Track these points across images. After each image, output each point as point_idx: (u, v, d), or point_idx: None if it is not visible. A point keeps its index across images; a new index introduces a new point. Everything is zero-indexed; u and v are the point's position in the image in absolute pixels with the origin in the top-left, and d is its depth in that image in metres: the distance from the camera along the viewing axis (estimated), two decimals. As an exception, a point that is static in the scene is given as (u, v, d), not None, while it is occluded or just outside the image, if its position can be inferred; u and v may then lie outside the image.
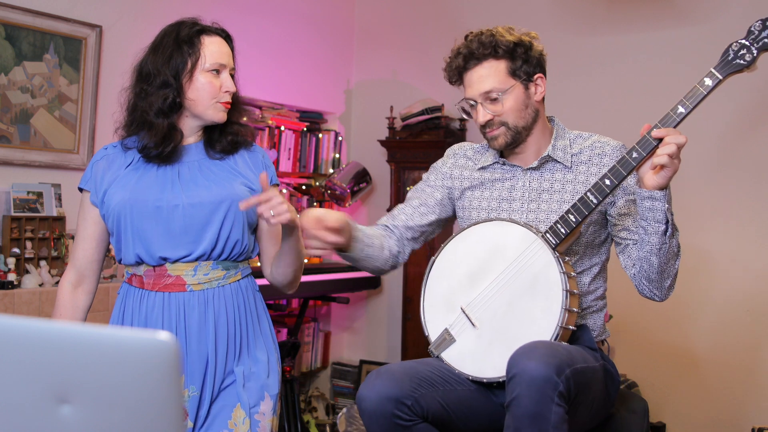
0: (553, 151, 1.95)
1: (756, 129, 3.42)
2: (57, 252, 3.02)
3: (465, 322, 1.87)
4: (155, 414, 0.83)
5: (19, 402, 0.84)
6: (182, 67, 1.88)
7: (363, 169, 4.35)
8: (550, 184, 1.95)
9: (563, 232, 1.78)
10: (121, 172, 1.90)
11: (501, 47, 1.90)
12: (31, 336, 0.84)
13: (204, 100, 1.88)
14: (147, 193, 1.85)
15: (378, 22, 4.64)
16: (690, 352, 3.57)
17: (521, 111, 1.93)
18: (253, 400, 1.87)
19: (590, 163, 1.95)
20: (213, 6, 3.80)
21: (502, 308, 1.81)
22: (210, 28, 1.95)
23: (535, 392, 1.54)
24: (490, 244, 1.87)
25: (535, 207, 1.94)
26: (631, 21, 3.74)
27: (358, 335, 4.63)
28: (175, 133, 1.89)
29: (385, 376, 1.76)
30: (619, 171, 1.75)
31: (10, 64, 3.00)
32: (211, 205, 1.85)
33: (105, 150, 1.97)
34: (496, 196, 1.99)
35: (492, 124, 1.94)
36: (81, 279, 1.95)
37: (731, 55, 1.77)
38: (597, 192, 1.76)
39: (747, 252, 3.44)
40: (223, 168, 1.93)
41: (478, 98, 1.93)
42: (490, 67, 1.91)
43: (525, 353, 1.60)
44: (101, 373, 0.82)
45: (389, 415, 1.70)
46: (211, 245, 1.86)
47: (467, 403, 1.83)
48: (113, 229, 1.88)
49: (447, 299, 1.92)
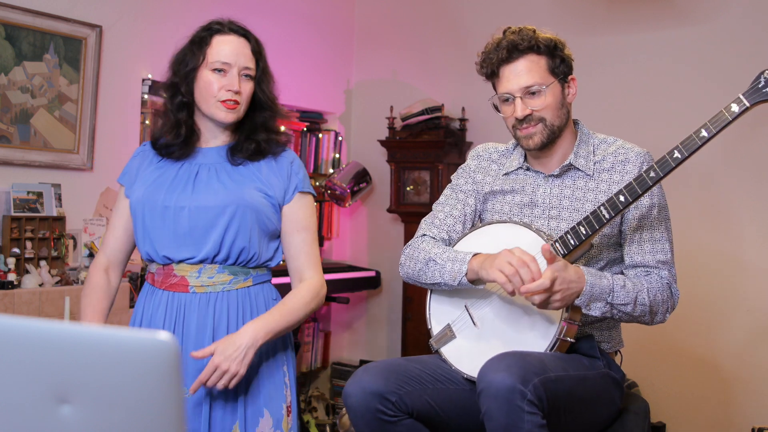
0: (575, 159, 1.92)
1: (759, 128, 3.42)
2: (57, 252, 3.02)
3: (467, 320, 1.87)
4: (155, 414, 0.83)
5: (19, 402, 0.84)
6: (191, 66, 1.89)
7: (363, 169, 4.35)
8: (571, 192, 1.92)
9: (572, 244, 1.77)
10: (150, 169, 1.94)
11: (542, 43, 1.88)
12: (31, 336, 0.84)
13: (206, 99, 1.87)
14: (158, 193, 1.87)
15: (378, 22, 4.64)
16: (690, 353, 3.57)
17: (558, 109, 1.89)
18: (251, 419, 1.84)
19: (613, 171, 1.90)
20: (213, 6, 3.80)
21: (504, 312, 1.81)
22: (224, 29, 1.92)
23: (503, 404, 1.54)
24: (502, 246, 1.87)
25: (556, 215, 1.91)
26: (631, 21, 3.74)
27: (358, 335, 4.63)
28: (188, 132, 1.91)
29: (370, 372, 1.76)
30: (635, 189, 1.73)
31: (10, 64, 3.00)
32: (215, 209, 1.84)
33: (143, 147, 2.01)
34: (518, 201, 1.97)
35: (530, 120, 1.88)
36: (110, 266, 2.00)
37: (762, 83, 1.67)
38: (610, 207, 1.74)
39: (746, 251, 3.44)
40: (243, 173, 1.90)
41: (518, 92, 1.87)
42: (532, 62, 1.87)
43: (491, 366, 1.60)
44: (101, 373, 0.82)
45: (373, 410, 1.71)
46: (215, 249, 1.84)
47: (460, 403, 1.83)
48: (133, 224, 1.93)
49: (452, 295, 1.92)
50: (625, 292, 1.77)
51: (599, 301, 1.74)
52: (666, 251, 1.89)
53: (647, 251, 1.87)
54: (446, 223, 2.03)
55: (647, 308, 1.80)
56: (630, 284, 1.80)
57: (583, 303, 1.72)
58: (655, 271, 1.87)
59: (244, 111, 1.90)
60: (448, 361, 1.87)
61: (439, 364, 1.88)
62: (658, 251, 1.88)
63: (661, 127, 3.51)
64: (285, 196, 1.92)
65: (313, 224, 1.96)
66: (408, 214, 4.25)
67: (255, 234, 1.87)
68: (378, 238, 4.51)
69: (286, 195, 1.92)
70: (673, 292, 1.88)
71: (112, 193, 3.38)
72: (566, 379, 1.67)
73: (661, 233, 1.89)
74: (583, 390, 1.74)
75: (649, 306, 1.80)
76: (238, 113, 1.88)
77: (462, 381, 1.85)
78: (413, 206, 4.22)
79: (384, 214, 4.46)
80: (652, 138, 3.29)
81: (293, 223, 1.92)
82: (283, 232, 1.93)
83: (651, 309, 1.81)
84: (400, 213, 4.33)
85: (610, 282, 1.76)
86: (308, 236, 1.93)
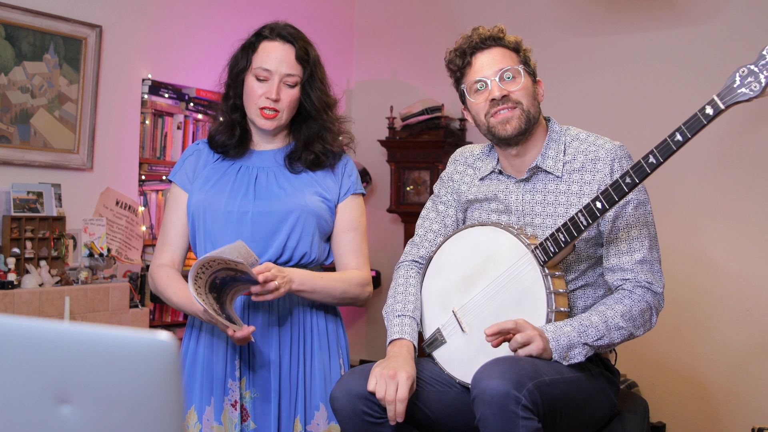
0: (542, 161, 1.85)
1: (756, 126, 3.42)
2: (57, 252, 3.02)
3: (456, 325, 1.87)
4: (155, 414, 0.83)
5: (19, 402, 0.84)
6: (239, 71, 1.92)
7: (363, 169, 4.35)
8: (543, 197, 1.85)
9: (552, 251, 1.72)
10: (206, 169, 1.96)
11: (510, 42, 1.88)
12: (31, 336, 0.84)
13: (248, 105, 1.91)
14: (220, 197, 1.89)
15: (378, 22, 4.64)
16: (690, 353, 3.57)
17: (533, 98, 1.86)
18: (310, 412, 1.90)
19: (583, 171, 1.83)
20: (213, 6, 3.80)
21: (490, 318, 1.79)
22: (271, 35, 1.93)
23: (497, 410, 1.53)
24: (484, 250, 1.84)
25: (529, 221, 1.86)
26: (631, 21, 3.74)
27: (358, 335, 4.63)
28: (242, 132, 1.94)
29: (356, 374, 1.76)
30: (611, 196, 1.66)
31: (10, 64, 3.00)
32: (279, 215, 1.87)
33: (196, 145, 2.02)
34: (494, 209, 1.92)
35: (507, 101, 1.82)
36: (172, 262, 1.96)
37: (737, 82, 1.56)
38: (588, 214, 1.68)
39: (747, 251, 3.44)
40: (301, 179, 1.94)
41: (493, 75, 1.83)
42: (503, 52, 1.86)
43: (485, 372, 1.59)
44: (101, 373, 0.82)
45: (359, 412, 1.70)
46: (277, 254, 1.88)
47: (453, 405, 1.82)
48: (190, 225, 1.94)
49: (441, 299, 1.91)
50: (594, 328, 1.71)
51: (575, 347, 1.70)
52: (644, 249, 1.80)
53: (624, 251, 1.81)
54: (427, 239, 2.00)
55: (626, 331, 1.75)
56: (596, 317, 1.73)
57: (561, 356, 1.69)
58: (631, 276, 1.80)
59: (287, 119, 1.92)
60: (440, 365, 1.87)
61: (429, 366, 1.88)
62: (636, 250, 1.80)
63: (661, 127, 3.50)
64: (339, 196, 1.97)
65: (363, 224, 2.02)
66: (408, 214, 4.25)
67: (316, 238, 1.92)
68: (378, 238, 4.51)
69: (340, 196, 1.97)
70: (655, 291, 1.81)
71: (112, 193, 3.39)
72: (561, 382, 1.66)
73: (639, 230, 1.82)
74: (578, 391, 1.73)
75: (629, 328, 1.75)
76: (278, 121, 1.91)
77: (452, 383, 1.84)
78: (413, 206, 4.22)
79: (384, 214, 4.46)
80: (651, 138, 3.28)
81: (345, 223, 1.98)
82: (334, 230, 1.98)
83: (633, 326, 1.76)
84: (400, 213, 4.33)
85: (575, 325, 1.71)
86: (358, 235, 1.99)
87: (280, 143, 1.98)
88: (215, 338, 1.89)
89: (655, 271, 1.83)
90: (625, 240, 1.81)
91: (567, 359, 1.70)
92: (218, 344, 1.89)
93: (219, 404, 1.86)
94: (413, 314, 1.89)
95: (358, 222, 1.99)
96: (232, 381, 1.86)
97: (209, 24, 3.78)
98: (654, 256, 1.83)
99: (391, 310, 1.91)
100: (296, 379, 1.89)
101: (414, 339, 1.84)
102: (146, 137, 3.57)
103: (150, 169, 3.62)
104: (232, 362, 1.87)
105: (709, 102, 1.57)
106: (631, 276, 1.80)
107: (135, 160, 3.51)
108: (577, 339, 1.70)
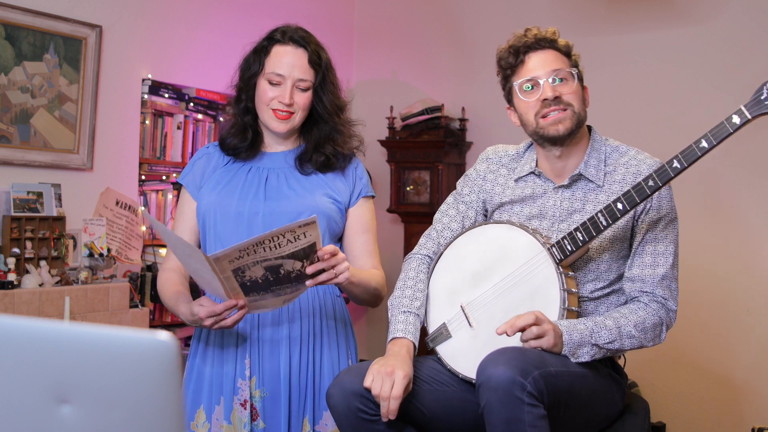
0: (585, 168, 1.88)
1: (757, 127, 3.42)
2: (57, 252, 3.02)
3: (463, 320, 1.87)
4: (155, 414, 0.83)
5: (19, 402, 0.84)
6: (252, 74, 1.92)
7: (363, 169, 4.35)
8: (581, 204, 1.88)
9: (569, 249, 1.76)
10: (217, 172, 1.96)
11: (563, 46, 1.91)
12: (31, 336, 0.84)
13: (261, 107, 1.91)
14: (231, 198, 1.90)
15: (378, 22, 4.64)
16: (690, 352, 3.57)
17: (582, 102, 1.90)
18: (318, 412, 1.90)
19: (624, 183, 1.86)
20: (213, 6, 3.80)
21: (499, 314, 1.80)
22: (284, 39, 1.93)
23: (503, 396, 1.53)
24: (498, 247, 1.85)
25: (565, 228, 1.87)
26: (631, 21, 3.74)
27: (358, 335, 4.61)
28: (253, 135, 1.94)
29: (352, 372, 1.76)
30: (633, 197, 1.71)
31: (10, 64, 3.00)
32: (289, 216, 1.86)
33: (206, 149, 2.02)
34: (526, 212, 1.93)
35: (559, 102, 1.84)
36: (179, 266, 1.95)
37: (764, 95, 1.65)
38: (608, 214, 1.73)
39: (746, 251, 3.44)
40: (311, 180, 1.94)
41: (546, 75, 1.86)
42: (556, 54, 1.89)
43: (491, 360, 1.60)
44: (101, 373, 0.82)
45: (354, 410, 1.71)
46: None
47: (452, 403, 1.82)
48: (201, 227, 1.94)
49: (449, 294, 1.92)
50: (607, 331, 1.75)
51: (584, 345, 1.73)
52: (667, 265, 1.85)
53: (648, 264, 1.85)
54: (443, 236, 2.02)
55: (637, 341, 1.79)
56: (611, 321, 1.77)
57: (570, 352, 1.71)
58: (649, 289, 1.84)
59: (300, 121, 1.93)
60: (443, 360, 1.87)
61: (427, 365, 1.88)
62: (659, 265, 1.85)
63: (660, 127, 3.51)
64: (350, 199, 1.99)
65: (375, 226, 2.05)
66: (408, 214, 4.25)
67: (327, 239, 1.92)
68: (378, 238, 4.50)
69: (351, 199, 1.99)
70: (669, 308, 1.86)
71: (111, 193, 3.39)
72: (566, 374, 1.67)
73: (666, 246, 1.86)
74: (584, 387, 1.73)
75: (640, 338, 1.79)
76: (291, 123, 1.91)
77: (449, 382, 1.84)
78: (413, 206, 4.22)
79: (384, 214, 4.46)
80: (651, 138, 3.29)
81: (358, 225, 2.00)
82: (347, 233, 1.99)
83: (645, 337, 1.80)
84: (400, 213, 4.33)
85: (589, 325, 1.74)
86: (370, 237, 2.02)
87: (291, 145, 1.99)
88: (226, 337, 1.90)
89: (672, 289, 1.87)
90: (651, 254, 1.85)
91: (576, 356, 1.72)
92: (228, 343, 1.89)
93: (228, 403, 1.86)
94: (419, 311, 1.91)
95: (370, 224, 2.03)
96: (241, 380, 1.87)
97: (209, 24, 3.78)
98: (674, 273, 1.88)
99: (398, 304, 1.92)
100: (306, 379, 1.90)
101: (416, 339, 1.85)
102: (146, 137, 3.57)
103: (150, 169, 3.62)
104: (242, 361, 1.87)
105: (736, 111, 1.66)
106: (650, 289, 1.84)
107: (135, 160, 3.52)
108: (588, 338, 1.72)
